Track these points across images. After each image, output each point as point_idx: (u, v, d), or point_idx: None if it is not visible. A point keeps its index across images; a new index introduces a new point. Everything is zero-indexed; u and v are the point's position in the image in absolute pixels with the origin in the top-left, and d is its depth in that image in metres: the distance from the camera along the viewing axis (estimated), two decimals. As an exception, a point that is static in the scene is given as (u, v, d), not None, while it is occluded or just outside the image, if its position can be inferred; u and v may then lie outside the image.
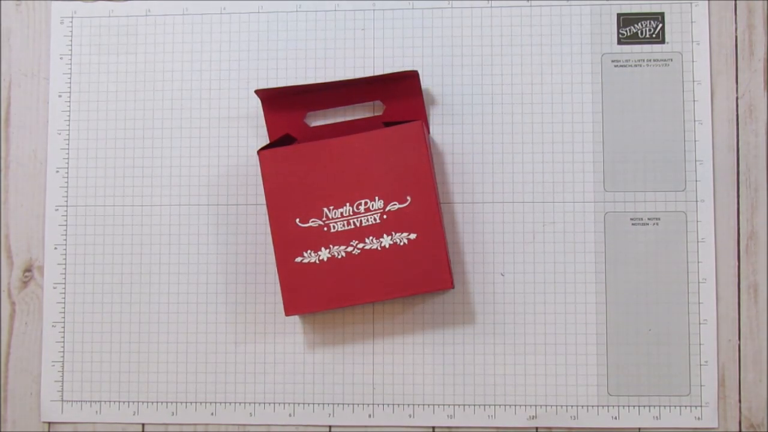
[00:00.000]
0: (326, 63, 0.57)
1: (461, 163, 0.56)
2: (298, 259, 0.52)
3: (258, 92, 0.54)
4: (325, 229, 0.52)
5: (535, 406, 0.54)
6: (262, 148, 0.53)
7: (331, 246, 0.52)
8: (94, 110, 0.58)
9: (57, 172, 0.58)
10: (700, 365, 0.54)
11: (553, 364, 0.54)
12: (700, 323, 0.54)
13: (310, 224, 0.52)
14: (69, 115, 0.58)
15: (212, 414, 0.56)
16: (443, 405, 0.55)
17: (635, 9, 0.56)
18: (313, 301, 0.51)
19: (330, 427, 0.55)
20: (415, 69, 0.53)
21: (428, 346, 0.55)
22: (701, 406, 0.54)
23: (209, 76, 0.57)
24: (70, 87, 0.58)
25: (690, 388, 0.54)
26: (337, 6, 0.57)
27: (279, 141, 0.54)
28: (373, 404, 0.55)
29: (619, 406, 0.54)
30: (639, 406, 0.54)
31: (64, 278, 0.57)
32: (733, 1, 0.56)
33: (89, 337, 0.57)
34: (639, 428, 0.54)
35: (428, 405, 0.55)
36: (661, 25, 0.55)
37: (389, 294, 0.51)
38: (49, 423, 0.57)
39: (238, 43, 0.57)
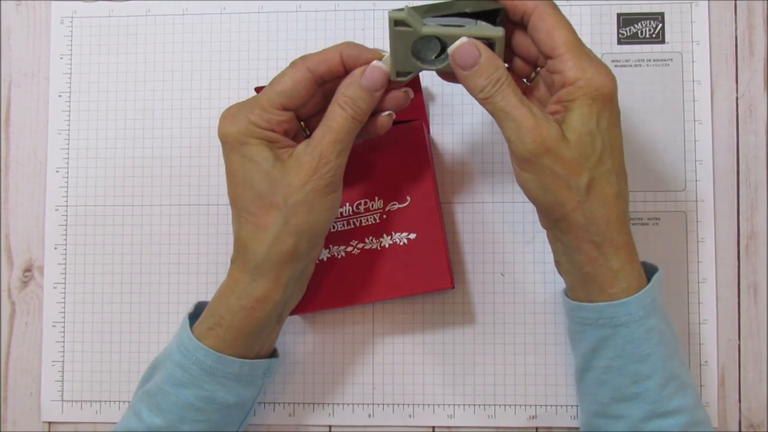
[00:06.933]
0: (326, 63, 0.57)
1: (461, 163, 0.56)
2: (298, 259, 0.52)
3: (258, 90, 0.54)
4: (325, 229, 0.52)
5: (535, 406, 0.54)
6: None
7: (331, 246, 0.51)
8: (94, 110, 0.58)
9: (57, 172, 0.58)
10: (700, 365, 0.54)
11: (553, 364, 0.54)
12: (700, 323, 0.54)
13: (310, 224, 0.52)
14: (69, 115, 0.58)
15: (212, 414, 0.55)
16: (443, 405, 0.55)
17: (635, 9, 0.56)
18: (313, 301, 0.51)
19: (330, 427, 0.55)
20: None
21: (428, 346, 0.55)
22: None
23: (209, 76, 0.57)
24: (70, 87, 0.58)
25: (690, 388, 0.54)
26: (337, 6, 0.57)
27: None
28: (373, 404, 0.55)
29: (619, 406, 0.54)
30: (639, 406, 0.54)
31: (64, 278, 0.57)
32: (733, 1, 0.56)
33: (89, 337, 0.57)
34: (639, 428, 0.54)
35: (428, 405, 0.55)
36: (661, 25, 0.55)
37: (389, 294, 0.51)
38: (49, 423, 0.57)
39: (238, 43, 0.57)
